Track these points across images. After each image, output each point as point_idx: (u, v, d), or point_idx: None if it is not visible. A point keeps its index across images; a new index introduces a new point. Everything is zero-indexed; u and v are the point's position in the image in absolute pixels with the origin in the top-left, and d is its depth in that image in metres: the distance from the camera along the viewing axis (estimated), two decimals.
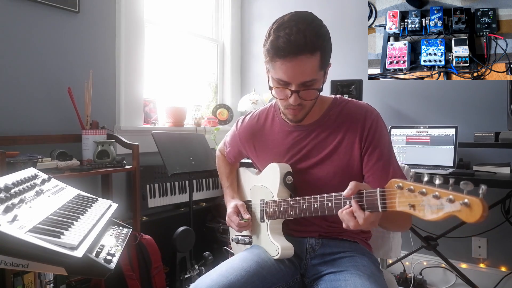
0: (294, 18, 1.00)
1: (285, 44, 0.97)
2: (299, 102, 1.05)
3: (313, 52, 0.98)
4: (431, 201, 0.75)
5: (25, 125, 1.87)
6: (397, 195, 0.83)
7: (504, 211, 2.11)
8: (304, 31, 0.97)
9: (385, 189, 0.86)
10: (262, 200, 1.22)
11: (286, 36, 0.97)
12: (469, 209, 0.69)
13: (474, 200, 0.69)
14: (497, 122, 2.17)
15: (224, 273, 1.04)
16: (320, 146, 1.16)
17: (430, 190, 0.75)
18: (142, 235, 1.97)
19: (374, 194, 0.88)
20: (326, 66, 1.06)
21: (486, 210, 0.67)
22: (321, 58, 1.01)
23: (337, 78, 2.47)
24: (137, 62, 2.39)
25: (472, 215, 0.68)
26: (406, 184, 0.80)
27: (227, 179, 1.44)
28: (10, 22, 1.81)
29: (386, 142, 1.13)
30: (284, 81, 1.04)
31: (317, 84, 1.04)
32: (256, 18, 3.22)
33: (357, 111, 1.15)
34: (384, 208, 0.86)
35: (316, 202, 1.03)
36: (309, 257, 1.18)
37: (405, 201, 0.80)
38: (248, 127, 1.31)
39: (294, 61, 0.99)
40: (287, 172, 1.16)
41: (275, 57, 1.00)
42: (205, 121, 2.91)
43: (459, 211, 0.70)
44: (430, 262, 2.44)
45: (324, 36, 1.01)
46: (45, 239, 0.73)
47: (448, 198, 0.71)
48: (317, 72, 1.02)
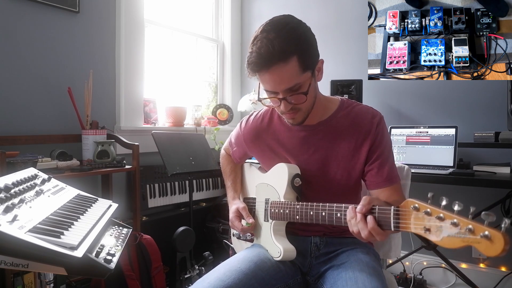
0: (267, 28, 1.01)
1: (256, 59, 0.99)
2: (291, 107, 1.07)
3: (286, 59, 0.98)
4: (449, 228, 0.72)
5: (25, 125, 1.87)
6: (412, 217, 0.81)
7: (504, 211, 2.11)
8: (272, 41, 0.97)
9: (400, 209, 0.84)
10: (267, 199, 1.21)
11: (257, 50, 0.99)
12: (489, 242, 0.66)
13: (496, 234, 0.66)
14: (497, 122, 2.17)
15: (222, 276, 1.04)
16: (327, 146, 1.16)
17: (448, 217, 0.72)
18: (142, 235, 1.97)
19: (388, 212, 0.87)
20: (310, 66, 1.04)
21: (508, 244, 0.65)
22: (300, 61, 0.99)
23: (337, 78, 2.47)
24: (137, 62, 2.39)
25: (493, 249, 0.65)
26: (422, 207, 0.78)
27: (229, 177, 1.43)
28: (10, 22, 1.81)
29: (387, 143, 1.16)
30: (270, 91, 1.06)
31: (304, 86, 1.04)
32: (256, 18, 3.21)
33: (363, 115, 1.16)
34: (397, 228, 0.85)
35: (325, 210, 1.03)
36: (314, 256, 1.19)
37: (421, 224, 0.78)
38: (253, 128, 1.30)
39: (269, 72, 1.00)
40: (295, 174, 1.15)
41: (252, 72, 1.03)
42: (205, 121, 2.91)
43: (479, 243, 0.67)
44: (430, 262, 2.44)
45: (299, 38, 1.00)
46: (45, 239, 0.73)
47: (468, 228, 0.68)
48: (298, 76, 1.01)
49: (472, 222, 0.69)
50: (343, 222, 0.97)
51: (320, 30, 2.84)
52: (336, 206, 1.01)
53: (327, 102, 1.19)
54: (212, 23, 3.24)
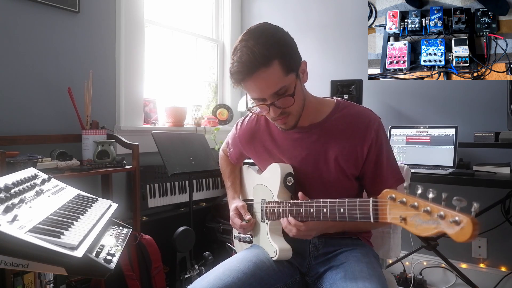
0: (245, 37, 1.02)
1: (238, 68, 1.01)
2: (280, 111, 1.06)
3: (268, 64, 0.98)
4: (422, 215, 0.71)
5: (25, 125, 1.87)
6: (388, 207, 0.81)
7: (504, 211, 2.11)
8: (252, 48, 0.98)
9: (378, 200, 0.85)
10: (263, 200, 1.22)
11: (237, 59, 1.01)
12: (459, 227, 0.64)
13: (465, 218, 0.64)
14: (497, 122, 2.17)
15: (221, 275, 1.05)
16: (320, 149, 1.16)
17: (422, 204, 0.72)
18: (142, 235, 1.97)
19: (367, 204, 0.88)
20: (293, 69, 1.04)
21: (477, 229, 0.63)
22: (282, 64, 1.00)
23: (337, 78, 2.47)
24: (137, 62, 2.39)
25: (462, 234, 0.64)
26: (398, 196, 0.78)
27: (228, 178, 1.45)
28: (10, 22, 1.81)
29: (384, 149, 1.15)
30: (256, 98, 1.06)
31: (290, 89, 1.04)
32: (256, 18, 3.21)
33: (360, 118, 1.15)
34: (376, 219, 0.85)
35: (313, 207, 1.02)
36: (312, 256, 1.19)
37: (397, 213, 0.77)
38: (247, 130, 1.31)
39: (253, 79, 1.00)
40: (288, 173, 1.16)
41: (237, 82, 1.04)
42: (205, 121, 2.91)
43: (449, 228, 0.66)
44: (430, 262, 2.44)
45: (278, 42, 1.00)
46: (45, 239, 0.73)
47: (439, 214, 0.67)
48: (282, 79, 1.01)
49: (443, 208, 0.68)
50: (347, 217, 0.94)
51: (320, 30, 2.85)
52: (323, 201, 1.00)
53: (319, 105, 1.18)
54: (212, 23, 3.23)
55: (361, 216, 0.89)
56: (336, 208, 0.96)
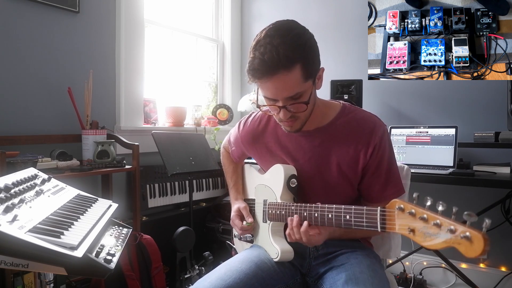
0: (270, 33, 0.97)
1: (259, 66, 0.96)
2: (290, 115, 1.04)
3: (290, 67, 0.95)
4: (432, 228, 0.71)
5: (25, 125, 1.87)
6: (397, 217, 0.80)
7: (504, 211, 2.11)
8: (277, 47, 0.94)
9: (386, 210, 0.84)
10: (265, 200, 1.22)
11: (260, 56, 0.95)
12: (469, 243, 0.64)
13: (476, 234, 0.64)
14: (497, 122, 2.17)
15: (223, 276, 1.04)
16: (323, 153, 1.15)
17: (431, 217, 0.71)
18: (142, 235, 1.97)
19: (374, 213, 0.87)
20: (312, 75, 1.01)
21: (487, 245, 0.63)
22: (303, 69, 0.97)
23: (337, 78, 2.47)
24: (137, 62, 2.39)
25: (472, 249, 0.63)
26: (407, 207, 0.77)
27: (231, 178, 1.43)
28: (10, 22, 1.81)
29: (387, 157, 1.13)
30: (270, 98, 1.03)
31: (305, 95, 1.01)
32: (256, 18, 3.21)
33: (365, 124, 1.13)
34: (383, 228, 0.85)
35: (317, 211, 1.01)
36: (312, 257, 1.19)
37: (405, 225, 0.77)
38: (250, 131, 1.30)
39: (272, 80, 0.97)
40: (291, 175, 1.15)
41: (254, 78, 1.00)
42: (205, 121, 2.91)
43: (459, 243, 0.66)
44: (430, 262, 2.44)
45: (304, 46, 0.97)
46: (45, 239, 0.73)
47: (449, 229, 0.67)
48: (301, 84, 0.98)
49: (454, 223, 0.67)
50: (354, 224, 0.93)
51: (320, 30, 2.84)
52: (328, 206, 0.99)
53: (325, 108, 1.16)
54: (212, 23, 3.23)
55: (367, 224, 0.89)
56: (342, 215, 0.95)
